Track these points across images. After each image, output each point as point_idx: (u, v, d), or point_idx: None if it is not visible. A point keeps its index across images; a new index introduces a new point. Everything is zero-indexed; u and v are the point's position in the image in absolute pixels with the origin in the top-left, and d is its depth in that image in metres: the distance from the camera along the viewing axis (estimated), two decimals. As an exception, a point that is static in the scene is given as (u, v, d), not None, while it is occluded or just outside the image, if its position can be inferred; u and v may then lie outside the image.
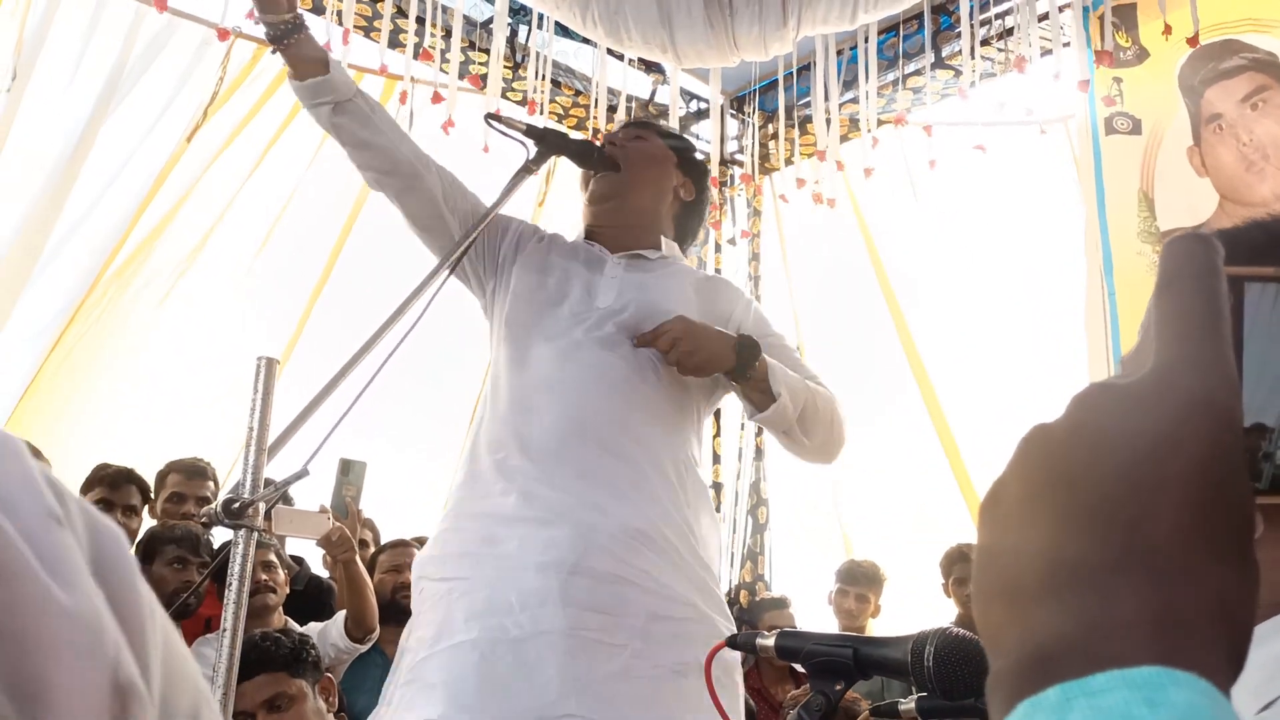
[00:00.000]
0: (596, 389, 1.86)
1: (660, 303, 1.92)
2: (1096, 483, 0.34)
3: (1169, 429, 0.34)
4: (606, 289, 1.96)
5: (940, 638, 0.99)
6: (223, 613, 1.51)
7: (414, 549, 3.56)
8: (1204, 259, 0.37)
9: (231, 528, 1.51)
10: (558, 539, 1.75)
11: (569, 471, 1.80)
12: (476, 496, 1.85)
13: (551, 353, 1.89)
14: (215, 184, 4.42)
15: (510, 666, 1.66)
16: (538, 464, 1.82)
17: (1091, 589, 0.33)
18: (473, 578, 1.75)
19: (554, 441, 1.83)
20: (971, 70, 4.02)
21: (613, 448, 1.83)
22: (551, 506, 1.77)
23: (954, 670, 0.97)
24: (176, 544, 3.10)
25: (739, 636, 1.17)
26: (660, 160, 2.10)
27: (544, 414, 1.85)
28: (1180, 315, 0.36)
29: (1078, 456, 0.35)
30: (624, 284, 1.97)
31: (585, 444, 1.83)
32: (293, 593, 3.34)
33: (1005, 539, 0.36)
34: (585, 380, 1.86)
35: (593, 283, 1.98)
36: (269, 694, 2.35)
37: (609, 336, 1.89)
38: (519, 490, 1.79)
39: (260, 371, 1.56)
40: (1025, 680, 0.32)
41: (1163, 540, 0.33)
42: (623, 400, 1.86)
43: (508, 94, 4.35)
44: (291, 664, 2.41)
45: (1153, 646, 0.31)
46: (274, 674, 2.38)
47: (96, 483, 3.37)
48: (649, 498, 1.82)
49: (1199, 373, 0.35)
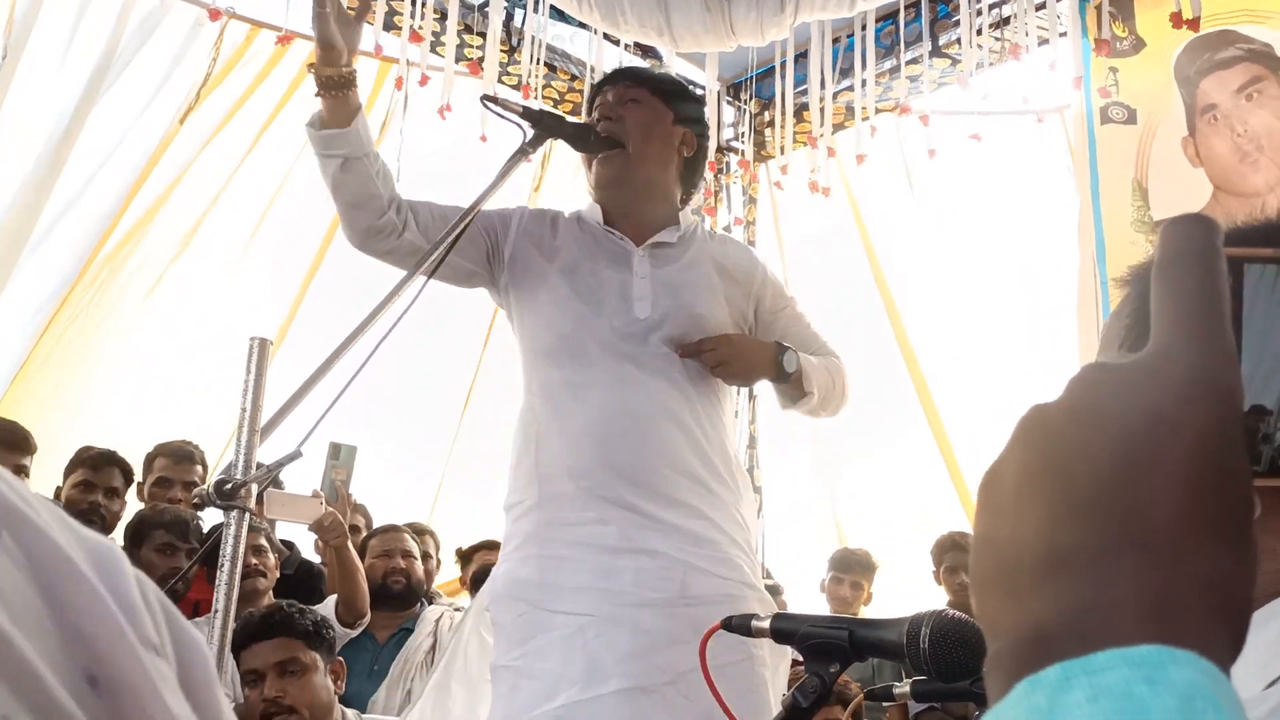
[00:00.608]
0: (669, 417, 1.96)
1: (694, 306, 2.02)
2: (1094, 464, 0.34)
3: (1168, 409, 0.34)
4: (641, 294, 2.02)
5: (936, 620, 0.99)
6: (215, 594, 1.50)
7: (405, 534, 3.56)
8: (1204, 240, 0.37)
9: (224, 509, 1.50)
10: (667, 572, 1.86)
11: (661, 500, 1.91)
12: (567, 523, 1.92)
13: (612, 378, 1.96)
14: (208, 167, 4.39)
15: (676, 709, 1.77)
16: (632, 494, 1.91)
17: (1090, 569, 0.33)
18: (597, 614, 1.83)
19: (642, 473, 1.92)
20: (969, 60, 4.01)
21: (691, 472, 1.95)
22: (652, 538, 1.88)
23: (949, 652, 0.97)
24: (165, 529, 3.09)
25: (734, 619, 1.17)
26: (659, 124, 2.10)
27: (625, 442, 1.93)
28: (1180, 296, 0.36)
29: (1075, 437, 0.35)
30: (656, 286, 2.03)
31: (672, 473, 1.94)
32: (282, 577, 3.34)
33: (1003, 521, 0.36)
34: (656, 409, 1.96)
35: (625, 286, 2.03)
36: (283, 657, 2.39)
37: (663, 357, 1.98)
38: (619, 521, 1.88)
39: (253, 352, 1.55)
40: (1024, 660, 0.32)
41: (1161, 520, 0.33)
42: (692, 423, 1.98)
43: (503, 78, 4.33)
44: (310, 636, 2.45)
45: (1152, 626, 0.31)
46: (292, 639, 2.41)
47: (79, 464, 3.36)
48: (724, 513, 1.97)
49: (1198, 353, 0.35)
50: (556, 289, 2.01)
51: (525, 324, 2.06)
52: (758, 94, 5.09)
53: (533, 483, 1.97)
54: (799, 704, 1.06)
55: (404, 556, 3.45)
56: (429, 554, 3.87)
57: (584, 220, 2.10)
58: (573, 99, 4.58)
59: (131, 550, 3.07)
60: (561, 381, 1.98)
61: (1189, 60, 3.85)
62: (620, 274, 2.03)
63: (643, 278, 2.03)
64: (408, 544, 3.50)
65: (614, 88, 2.11)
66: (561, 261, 2.03)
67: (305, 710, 2.36)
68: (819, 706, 1.05)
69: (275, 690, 2.35)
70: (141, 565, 2.97)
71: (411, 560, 3.47)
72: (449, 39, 3.95)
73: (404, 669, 3.26)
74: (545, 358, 2.01)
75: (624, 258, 2.05)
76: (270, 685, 2.36)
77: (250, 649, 2.41)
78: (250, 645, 2.41)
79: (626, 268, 2.04)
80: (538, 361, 2.02)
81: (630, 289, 2.02)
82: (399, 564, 3.43)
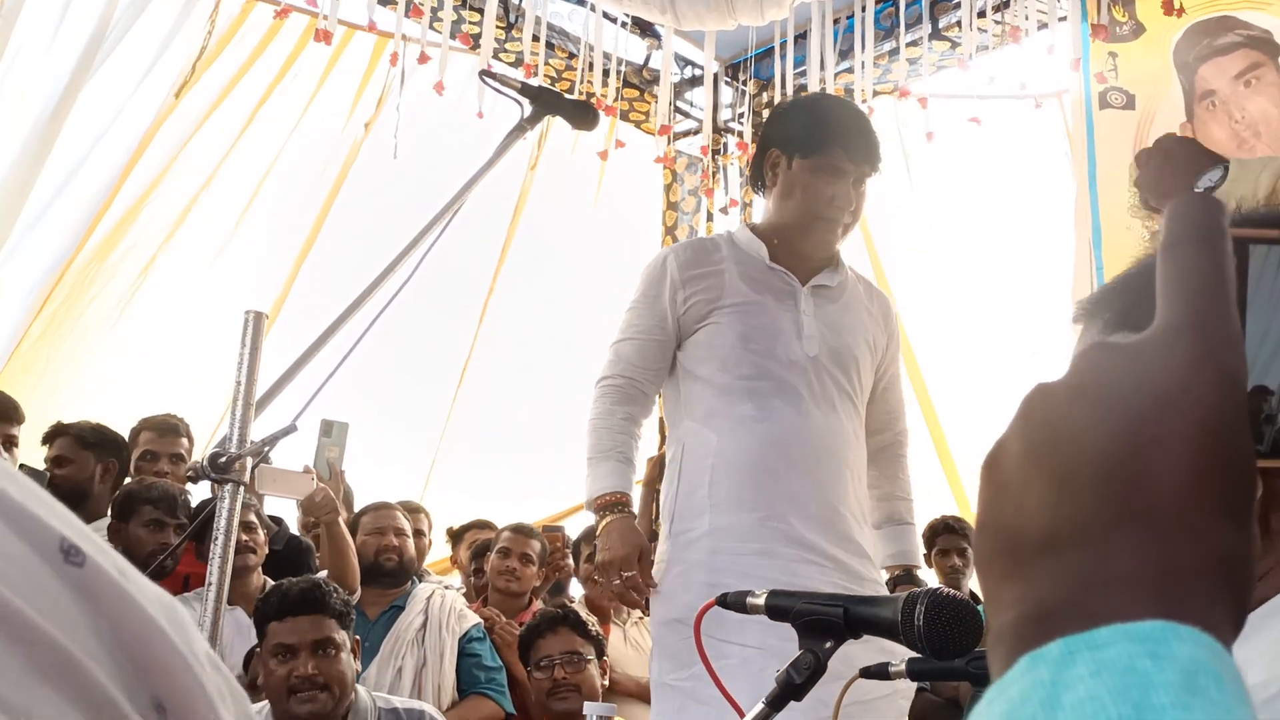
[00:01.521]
0: (837, 454, 2.11)
1: (854, 348, 2.19)
2: (1097, 441, 0.34)
3: (1171, 388, 0.34)
4: (809, 332, 2.15)
5: (931, 597, 0.99)
6: (209, 568, 1.50)
7: (397, 511, 3.55)
8: (1210, 220, 0.37)
9: (218, 482, 1.50)
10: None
11: (832, 535, 2.06)
12: (735, 553, 2.04)
13: (787, 413, 2.10)
14: (204, 143, 4.36)
15: None
16: (804, 527, 2.04)
17: (1092, 545, 0.33)
18: (764, 647, 1.91)
19: (815, 506, 2.06)
20: (969, 43, 3.99)
21: (853, 509, 2.11)
22: (812, 572, 2.00)
23: (944, 630, 0.97)
24: (154, 505, 3.08)
25: (729, 596, 1.17)
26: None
27: (799, 477, 2.06)
28: (1185, 276, 0.36)
29: (1079, 415, 0.35)
30: (820, 326, 2.17)
31: (841, 508, 2.09)
32: (272, 553, 3.34)
33: (1006, 498, 0.36)
34: (827, 445, 2.11)
35: (796, 324, 2.16)
36: (320, 635, 2.42)
37: (830, 396, 2.13)
38: (785, 556, 2.01)
39: (248, 326, 1.55)
40: (1026, 635, 0.32)
41: (1164, 498, 0.33)
42: (855, 460, 2.15)
43: (500, 55, 4.31)
44: (341, 616, 2.48)
45: (1154, 602, 0.31)
46: (326, 618, 2.45)
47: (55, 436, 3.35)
48: (869, 546, 2.13)
49: (1202, 332, 0.34)
50: (731, 328, 2.14)
51: (696, 357, 2.18)
52: (756, 75, 5.07)
53: (705, 512, 2.08)
54: (793, 680, 1.06)
55: (396, 534, 3.45)
56: (421, 531, 3.87)
57: (742, 250, 2.22)
58: (570, 77, 4.56)
59: (119, 525, 3.07)
60: (738, 416, 2.10)
61: (1188, 46, 3.84)
62: (787, 311, 2.15)
63: (809, 315, 2.16)
64: (400, 521, 3.50)
65: (856, 167, 2.17)
66: (732, 299, 2.16)
67: (336, 688, 2.41)
68: (813, 683, 1.05)
69: (311, 668, 2.39)
70: (129, 540, 3.01)
71: (404, 538, 3.46)
72: (445, 14, 3.92)
73: (395, 646, 3.26)
74: (721, 393, 2.13)
75: (789, 296, 2.18)
76: (305, 662, 2.40)
77: (285, 622, 2.43)
78: (285, 619, 2.43)
79: (794, 306, 2.16)
80: (711, 395, 2.14)
81: (801, 328, 2.14)
82: (391, 541, 3.43)
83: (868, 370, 2.22)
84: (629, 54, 4.75)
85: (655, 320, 2.21)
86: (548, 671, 2.90)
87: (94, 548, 0.36)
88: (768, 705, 1.08)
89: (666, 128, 4.60)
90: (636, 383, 2.20)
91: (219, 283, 4.50)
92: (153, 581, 0.41)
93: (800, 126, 2.20)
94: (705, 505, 2.07)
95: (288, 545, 3.58)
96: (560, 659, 2.90)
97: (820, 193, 2.15)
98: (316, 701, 2.38)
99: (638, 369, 2.21)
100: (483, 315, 5.23)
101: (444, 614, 3.33)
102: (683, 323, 2.20)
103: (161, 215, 4.33)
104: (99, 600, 0.35)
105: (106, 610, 0.35)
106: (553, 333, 5.14)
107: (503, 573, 3.62)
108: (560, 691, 2.87)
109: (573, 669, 2.89)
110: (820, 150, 2.15)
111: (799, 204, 2.18)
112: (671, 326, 2.20)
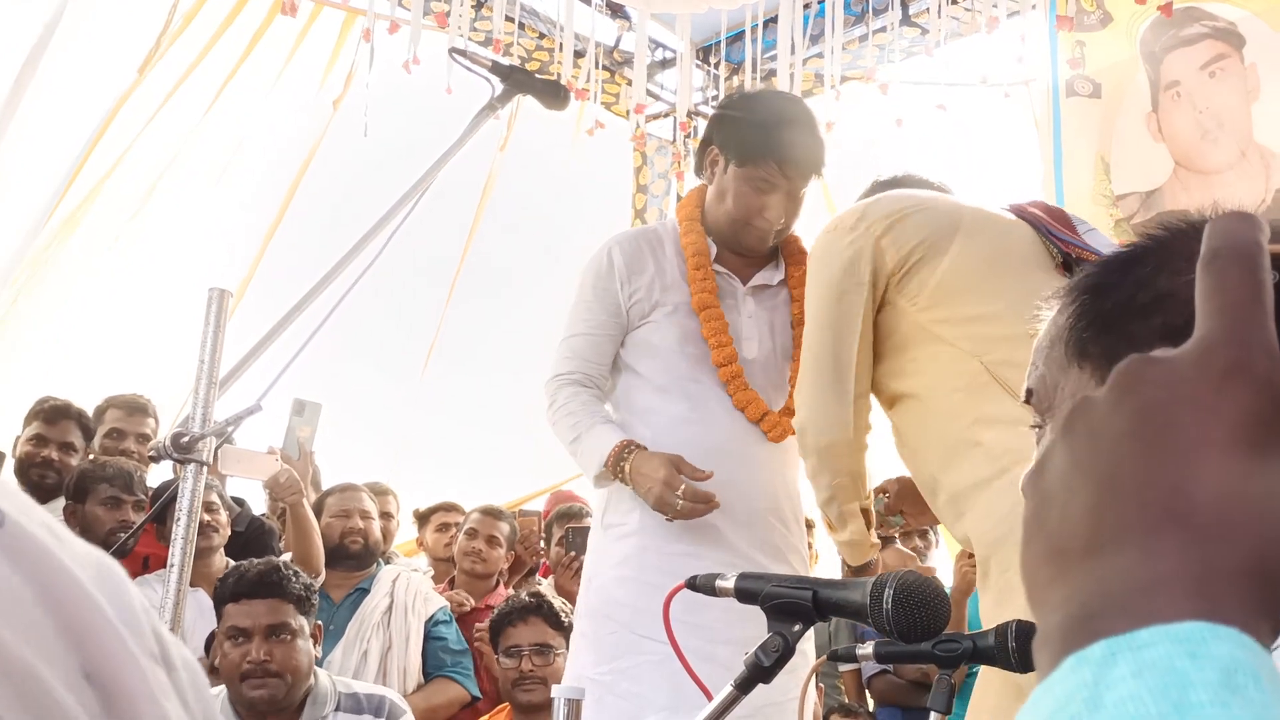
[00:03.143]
0: (767, 459, 2.09)
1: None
2: (1138, 449, 0.35)
3: (1208, 398, 0.35)
4: (748, 334, 2.15)
5: (900, 580, 0.99)
6: (170, 549, 1.48)
7: (363, 493, 3.53)
8: (1247, 236, 0.38)
9: (180, 462, 1.48)
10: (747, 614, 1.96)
11: (756, 541, 2.04)
12: (663, 552, 2.02)
13: (718, 415, 2.09)
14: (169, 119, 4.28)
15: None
16: (731, 531, 2.02)
17: (1134, 549, 0.34)
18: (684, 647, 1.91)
19: (742, 512, 2.04)
20: (937, 30, 4.00)
21: (780, 514, 2.10)
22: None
23: (913, 612, 0.98)
24: (109, 483, 3.03)
25: (698, 578, 1.17)
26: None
27: (734, 481, 2.03)
28: (1221, 290, 0.37)
29: (1120, 424, 0.36)
30: (760, 326, 2.16)
31: (767, 514, 2.08)
32: (234, 534, 3.31)
33: (1051, 506, 0.37)
34: (756, 450, 2.08)
35: (736, 327, 2.15)
36: (275, 620, 2.39)
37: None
38: (710, 558, 1.97)
39: (212, 303, 1.52)
40: (1071, 637, 0.34)
41: (1203, 502, 0.34)
42: (784, 466, 2.12)
43: (471, 34, 4.27)
44: (300, 601, 2.45)
45: (1194, 603, 0.32)
46: (284, 603, 2.41)
47: (34, 418, 3.30)
48: (797, 555, 2.12)
49: (1239, 343, 0.36)
50: (671, 328, 2.13)
51: (636, 353, 2.17)
52: (727, 58, 5.06)
53: (635, 509, 2.06)
54: (761, 663, 1.06)
55: (361, 516, 3.42)
56: (389, 513, 3.84)
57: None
58: (540, 57, 4.53)
59: (76, 505, 3.02)
60: (673, 415, 2.10)
61: (1154, 36, 3.88)
62: (730, 313, 2.14)
63: (750, 317, 2.15)
64: (366, 504, 3.47)
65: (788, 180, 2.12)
66: (674, 298, 2.15)
67: (289, 675, 2.37)
68: (781, 665, 1.06)
69: (263, 653, 2.36)
70: (87, 520, 2.96)
71: (369, 520, 3.44)
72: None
73: (360, 630, 3.24)
74: (658, 391, 2.13)
75: (731, 295, 2.17)
76: (258, 647, 2.36)
77: (241, 605, 2.40)
78: (241, 601, 2.40)
79: (736, 308, 2.16)
80: (650, 391, 2.14)
81: (739, 329, 2.13)
82: (356, 524, 3.40)
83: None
84: (600, 35, 4.72)
85: (608, 314, 2.17)
86: (516, 660, 2.88)
87: (16, 508, 0.34)
88: (735, 688, 1.08)
89: (642, 106, 4.58)
90: (593, 378, 2.17)
91: (185, 263, 4.44)
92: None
93: (740, 131, 2.14)
94: (635, 501, 2.05)
95: (250, 527, 3.54)
96: (530, 650, 2.87)
97: (751, 203, 2.12)
98: (268, 687, 2.35)
99: (592, 364, 2.16)
100: (449, 297, 5.20)
101: (410, 597, 3.31)
102: (629, 317, 2.18)
103: (126, 193, 4.26)
104: (19, 562, 0.33)
105: (29, 574, 0.33)
106: (521, 314, 5.12)
107: (469, 553, 3.60)
108: (526, 683, 2.85)
109: (541, 660, 2.86)
110: (755, 161, 2.10)
111: (730, 210, 2.14)
112: (623, 320, 2.18)
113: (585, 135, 4.53)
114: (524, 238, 5.18)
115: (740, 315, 2.15)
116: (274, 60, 4.40)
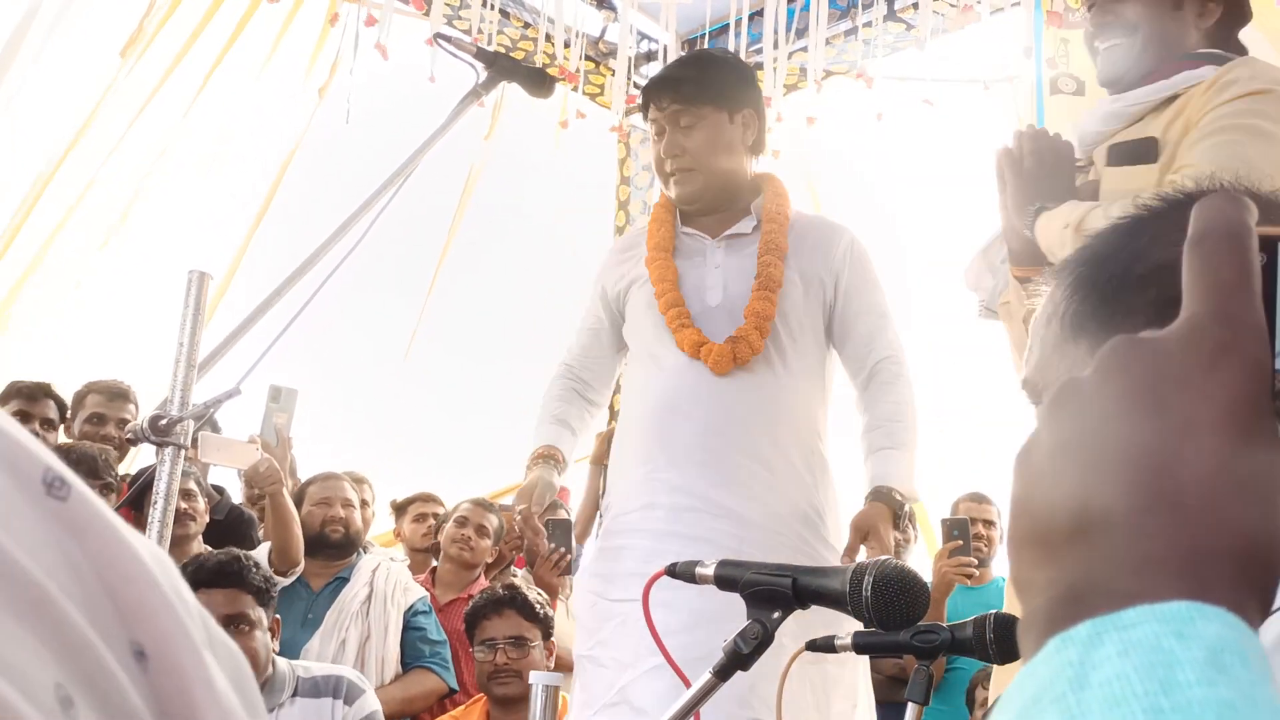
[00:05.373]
0: (737, 397, 2.02)
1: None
2: (1126, 429, 0.35)
3: (1197, 378, 0.35)
4: (712, 283, 2.12)
5: (879, 568, 1.00)
6: (146, 534, 1.47)
7: (345, 482, 3.51)
8: (1235, 217, 0.38)
9: (158, 445, 1.47)
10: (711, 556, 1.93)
11: (719, 481, 1.95)
12: (625, 511, 2.02)
13: (679, 367, 2.05)
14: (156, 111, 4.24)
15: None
16: (691, 474, 1.96)
17: (1120, 530, 0.34)
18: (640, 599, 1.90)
19: (698, 452, 1.97)
20: (924, 25, 4.00)
21: (750, 451, 1.99)
22: (698, 521, 1.92)
23: (892, 600, 0.98)
24: (74, 467, 3.01)
25: (678, 565, 1.16)
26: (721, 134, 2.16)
27: (686, 424, 1.99)
28: (1211, 270, 0.37)
29: (1107, 404, 0.36)
30: (726, 274, 2.13)
31: (727, 452, 1.98)
32: (213, 522, 3.29)
33: (1038, 486, 0.37)
34: (720, 391, 2.01)
35: (701, 280, 2.13)
36: (232, 611, 2.38)
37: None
38: (666, 506, 1.94)
39: (191, 286, 1.51)
40: (1056, 618, 0.33)
41: (1191, 481, 0.34)
42: (768, 405, 2.04)
43: (454, 22, 4.24)
44: (259, 592, 2.44)
45: (1181, 583, 0.32)
46: (242, 594, 2.41)
47: (13, 396, 3.27)
48: (781, 497, 1.98)
49: (1227, 324, 0.36)
50: (643, 297, 2.16)
51: (627, 332, 2.24)
52: (712, 51, 5.04)
53: (615, 480, 2.11)
54: (740, 650, 1.06)
55: (343, 505, 3.41)
56: (366, 502, 3.83)
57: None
58: (525, 47, 4.51)
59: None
60: (643, 379, 2.12)
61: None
62: (697, 268, 2.15)
63: (716, 267, 2.15)
64: (347, 492, 3.46)
65: (663, 114, 2.13)
66: (641, 273, 2.19)
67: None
68: (760, 652, 1.06)
69: None
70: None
71: (350, 509, 3.43)
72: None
73: (339, 619, 3.23)
74: (635, 360, 2.19)
75: (700, 251, 2.18)
76: None
77: (199, 594, 2.36)
78: (200, 590, 2.39)
79: (702, 261, 2.16)
80: (634, 364, 2.20)
81: (705, 280, 2.13)
82: (338, 513, 3.39)
83: (799, 305, 2.12)
84: (586, 27, 4.70)
85: (589, 308, 2.32)
86: (490, 653, 2.87)
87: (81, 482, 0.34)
88: (714, 675, 1.08)
89: (631, 97, 4.57)
90: (575, 369, 2.31)
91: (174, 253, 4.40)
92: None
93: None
94: (615, 474, 2.11)
95: (229, 515, 3.53)
96: (504, 643, 2.86)
97: (656, 158, 2.20)
98: None
99: (576, 357, 2.32)
100: (432, 285, 5.18)
101: (389, 587, 3.30)
102: (617, 305, 2.26)
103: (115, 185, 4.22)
104: (83, 536, 0.33)
105: (90, 547, 0.33)
106: (504, 305, 5.11)
107: (456, 540, 3.59)
108: (501, 676, 2.84)
109: (517, 653, 2.85)
110: (645, 116, 2.22)
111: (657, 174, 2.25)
112: (604, 313, 2.28)
113: (569, 126, 4.51)
114: (508, 229, 5.16)
115: (706, 267, 2.16)
116: (259, 49, 4.36)
